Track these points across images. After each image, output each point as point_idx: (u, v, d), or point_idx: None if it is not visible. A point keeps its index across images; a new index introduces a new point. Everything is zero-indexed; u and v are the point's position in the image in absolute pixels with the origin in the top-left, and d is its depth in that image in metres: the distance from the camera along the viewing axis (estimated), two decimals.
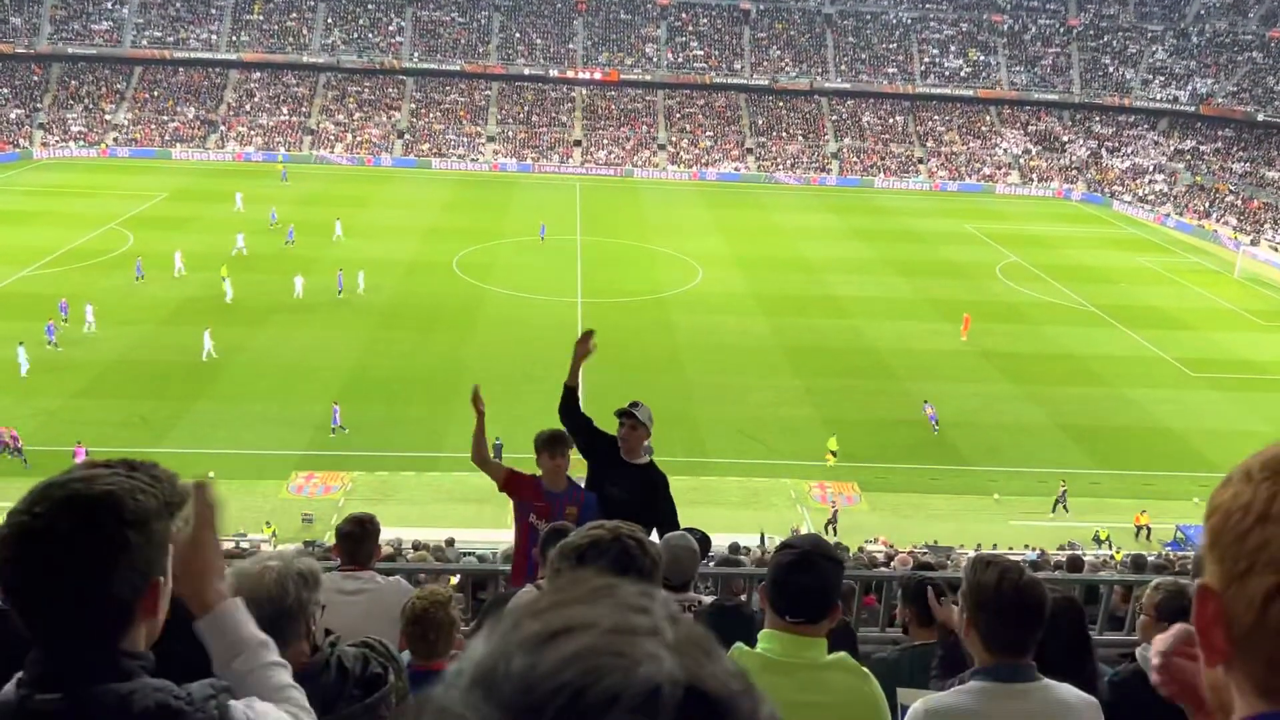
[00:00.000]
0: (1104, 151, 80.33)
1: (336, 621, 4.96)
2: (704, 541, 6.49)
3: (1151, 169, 77.10)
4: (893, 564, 14.49)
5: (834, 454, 31.05)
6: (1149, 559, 13.72)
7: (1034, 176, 78.18)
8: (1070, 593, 5.02)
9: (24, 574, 1.71)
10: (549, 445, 6.58)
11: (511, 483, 6.72)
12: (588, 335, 6.97)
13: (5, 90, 74.48)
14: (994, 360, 40.13)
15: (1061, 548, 25.01)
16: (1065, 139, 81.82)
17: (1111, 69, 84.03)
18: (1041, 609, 3.18)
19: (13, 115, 72.68)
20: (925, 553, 19.68)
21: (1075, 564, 13.35)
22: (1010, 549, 24.24)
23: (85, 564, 1.69)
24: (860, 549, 20.87)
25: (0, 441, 28.81)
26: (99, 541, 1.70)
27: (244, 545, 20.97)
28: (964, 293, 48.06)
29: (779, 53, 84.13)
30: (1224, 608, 1.07)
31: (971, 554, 6.82)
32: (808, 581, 3.06)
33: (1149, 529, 28.10)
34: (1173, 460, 32.54)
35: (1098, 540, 27.18)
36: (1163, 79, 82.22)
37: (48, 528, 1.69)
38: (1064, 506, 29.20)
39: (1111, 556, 20.19)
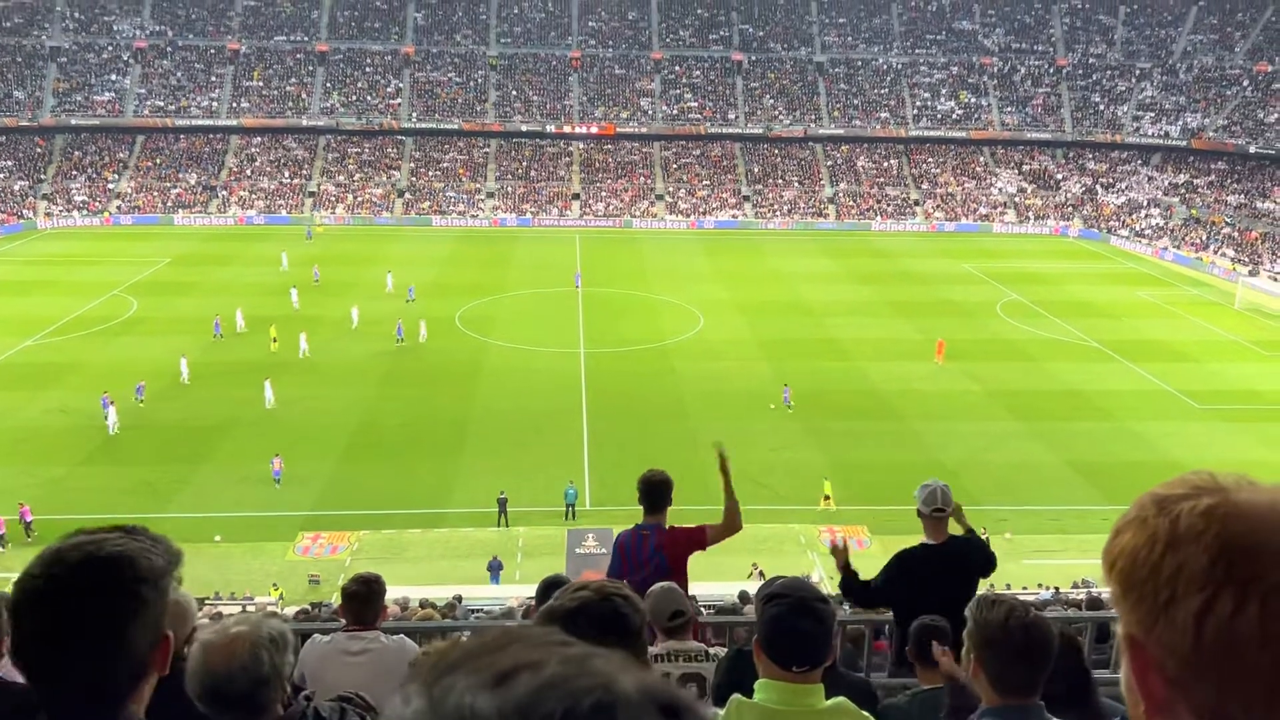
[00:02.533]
0: (1099, 188, 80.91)
1: (341, 682, 4.91)
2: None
3: (1147, 203, 77.59)
4: None
5: (828, 498, 30.91)
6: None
7: (1030, 215, 78.67)
8: (1068, 629, 4.98)
9: (45, 637, 1.72)
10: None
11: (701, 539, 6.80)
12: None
13: (9, 163, 75.47)
14: (999, 398, 40.06)
15: (1075, 585, 24.76)
16: (1059, 176, 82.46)
17: (1102, 107, 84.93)
18: (1049, 647, 3.16)
19: (16, 187, 73.56)
20: None
21: (1095, 603, 13.17)
22: (1024, 588, 24.02)
23: (106, 622, 1.73)
24: None
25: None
26: (118, 600, 1.74)
27: (250, 609, 20.76)
28: (966, 331, 48.15)
29: (772, 101, 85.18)
30: (1152, 652, 1.06)
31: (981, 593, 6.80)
32: (805, 629, 3.02)
33: None
34: None
35: None
36: (1153, 115, 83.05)
37: (67, 589, 1.72)
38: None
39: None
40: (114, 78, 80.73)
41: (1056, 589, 21.97)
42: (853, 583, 6.63)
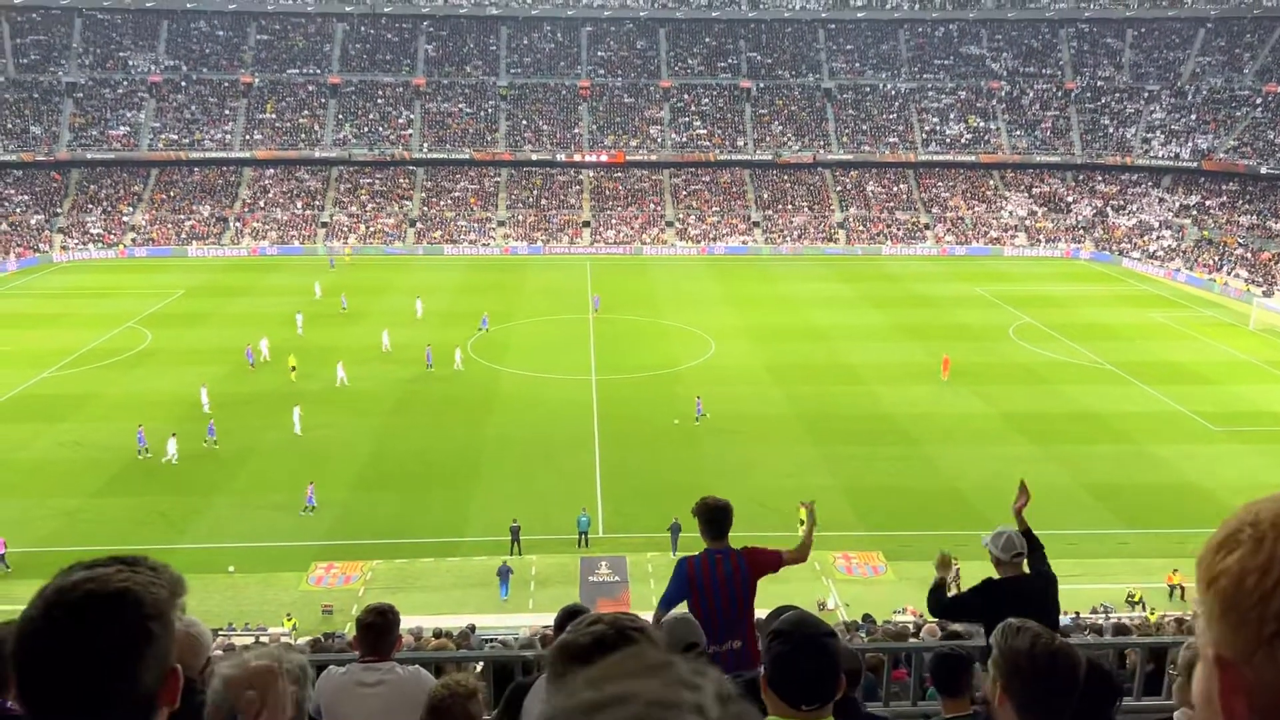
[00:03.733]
0: (1109, 210, 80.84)
1: (357, 714, 4.88)
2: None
3: (1158, 225, 77.45)
4: (922, 634, 14.18)
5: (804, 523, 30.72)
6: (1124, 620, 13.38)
7: (1041, 238, 78.59)
8: (1094, 655, 4.89)
9: (50, 678, 1.68)
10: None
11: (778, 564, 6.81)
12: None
13: (26, 197, 76.27)
14: (1013, 422, 39.84)
15: (1095, 610, 24.50)
16: (1070, 199, 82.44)
17: (1111, 129, 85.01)
18: (1075, 674, 3.10)
19: (33, 221, 74.31)
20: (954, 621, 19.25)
21: (1122, 629, 13.02)
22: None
23: (113, 661, 1.68)
24: (888, 620, 20.47)
25: None
26: (125, 636, 1.69)
27: (264, 640, 20.72)
28: (978, 355, 48.01)
29: (780, 128, 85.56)
30: (1246, 677, 1.01)
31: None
32: (815, 667, 2.95)
33: (1183, 588, 27.52)
34: (1203, 517, 31.95)
35: (1131, 602, 26.62)
36: (1163, 137, 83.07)
37: (71, 628, 1.68)
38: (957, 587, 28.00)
39: (1145, 618, 19.75)
40: (129, 112, 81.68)
41: (1076, 614, 21.73)
42: (942, 594, 6.66)
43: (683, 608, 6.23)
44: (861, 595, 27.13)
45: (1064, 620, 18.85)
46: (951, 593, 7.15)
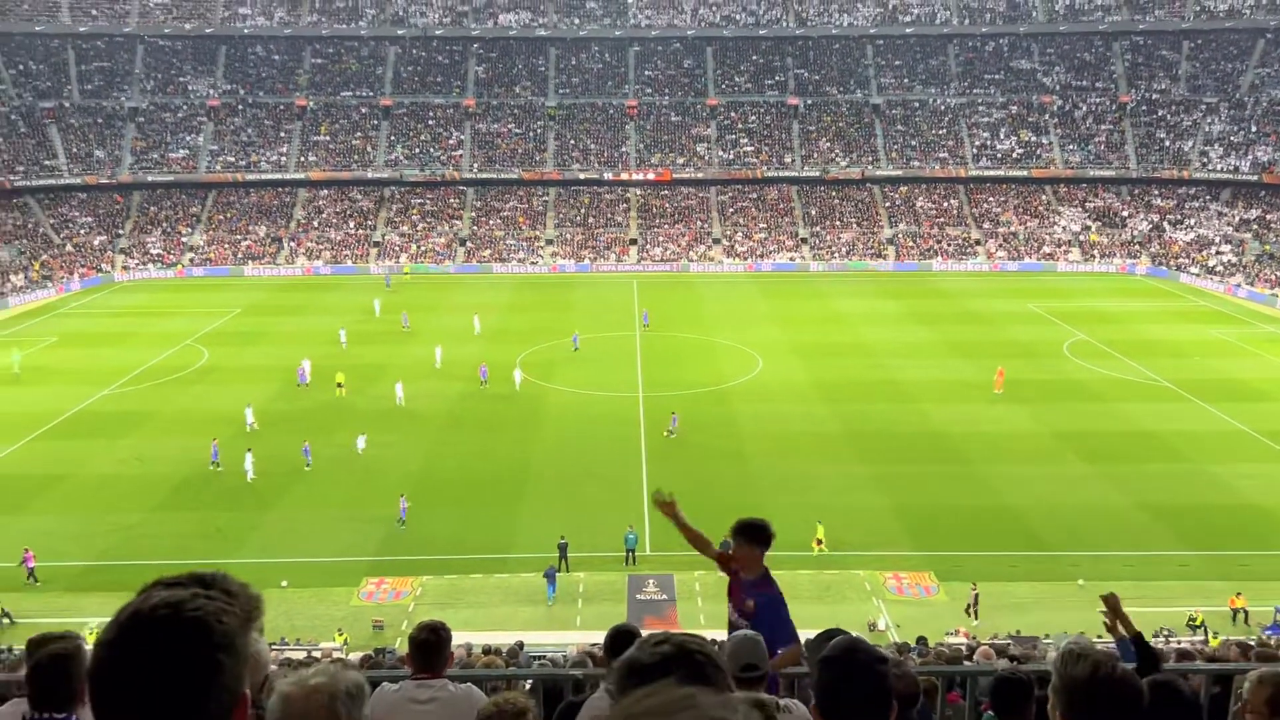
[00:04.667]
0: (1166, 224, 79.29)
1: None
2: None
3: (1218, 240, 75.79)
4: (975, 657, 13.94)
5: (820, 542, 30.25)
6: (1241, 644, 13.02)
7: (1095, 253, 77.31)
8: (1174, 678, 4.76)
9: (124, 703, 1.72)
10: (741, 532, 6.47)
11: (721, 564, 6.68)
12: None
13: (90, 218, 78.44)
14: (1067, 440, 39.13)
15: (1156, 635, 23.92)
16: (1125, 214, 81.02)
17: (1167, 142, 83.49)
18: (1138, 703, 3.04)
19: (96, 242, 76.36)
20: (1009, 644, 18.92)
21: (1185, 655, 12.70)
22: (1099, 637, 23.19)
23: (183, 691, 1.71)
24: (941, 642, 20.16)
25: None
26: (194, 668, 1.73)
27: (315, 654, 20.94)
28: (1032, 372, 47.27)
29: (829, 144, 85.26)
30: None
31: (1060, 645, 6.42)
32: (866, 692, 2.93)
33: (1246, 612, 26.77)
34: (1266, 539, 31.14)
35: (1192, 625, 25.94)
36: (1221, 149, 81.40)
37: (143, 654, 1.72)
38: (974, 613, 27.08)
39: (1206, 642, 19.23)
40: (188, 136, 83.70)
41: (1169, 632, 21.20)
42: (1145, 646, 5.85)
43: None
44: (913, 616, 26.76)
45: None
46: (976, 622, 6.82)
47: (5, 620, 26.63)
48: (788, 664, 5.79)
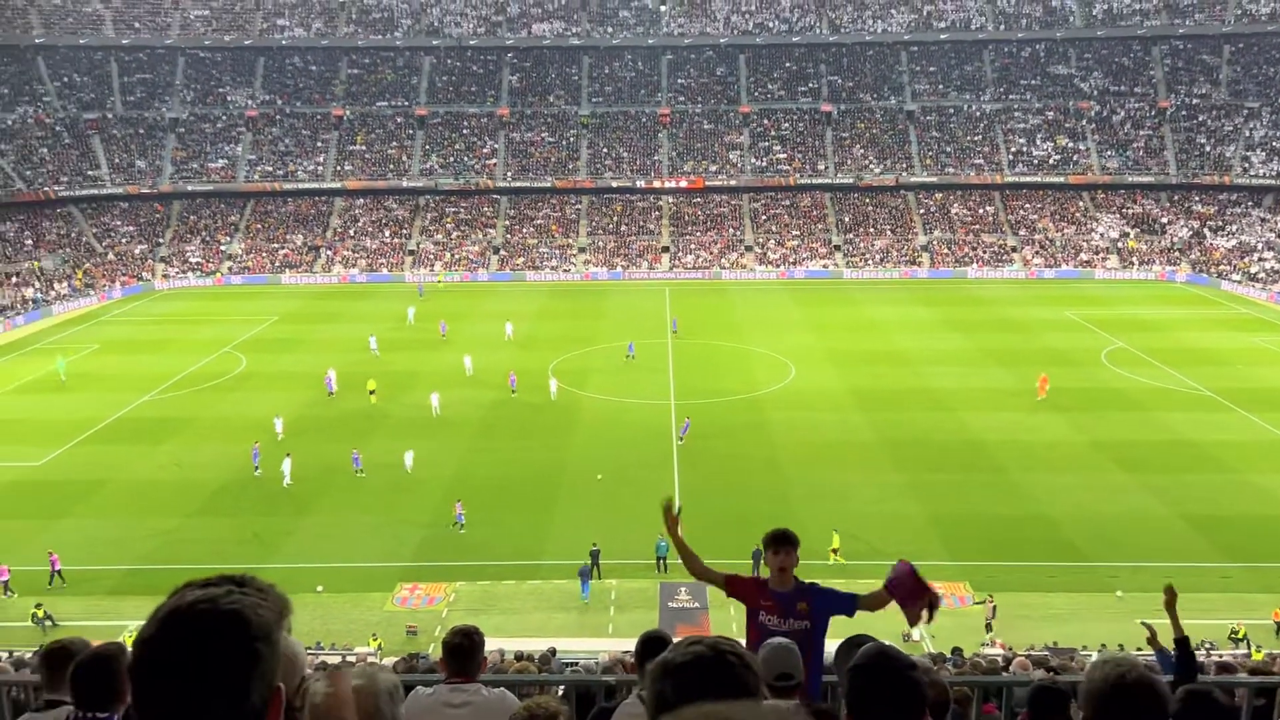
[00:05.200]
0: (1206, 231, 78.10)
1: None
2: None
3: (1260, 246, 74.50)
4: (1012, 667, 13.80)
5: (836, 551, 29.87)
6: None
7: (1134, 260, 76.30)
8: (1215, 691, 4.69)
9: (163, 696, 1.75)
10: (773, 543, 6.44)
11: (735, 587, 6.57)
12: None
13: (131, 228, 79.78)
14: (1106, 449, 38.61)
15: (1197, 648, 23.52)
16: (1164, 220, 79.91)
17: (1208, 148, 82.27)
18: (1160, 708, 3.01)
19: (137, 250, 77.65)
20: (1047, 655, 18.68)
21: (1227, 668, 12.50)
22: (1138, 650, 22.87)
23: (222, 679, 1.75)
24: (976, 653, 19.95)
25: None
26: (235, 658, 1.76)
27: (350, 659, 21.09)
28: (1069, 380, 46.69)
29: (862, 151, 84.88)
30: None
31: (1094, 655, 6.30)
32: (898, 697, 2.91)
33: None
34: None
35: (1234, 638, 25.47)
36: (1264, 154, 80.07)
37: (183, 647, 1.75)
38: (991, 625, 26.75)
39: (1249, 655, 18.89)
40: (227, 146, 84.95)
41: (1211, 644, 20.86)
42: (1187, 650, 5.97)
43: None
44: (947, 627, 26.49)
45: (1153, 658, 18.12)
46: (991, 634, 6.76)
47: (48, 623, 27.09)
48: (879, 604, 6.19)
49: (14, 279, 68.54)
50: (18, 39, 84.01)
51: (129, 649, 2.04)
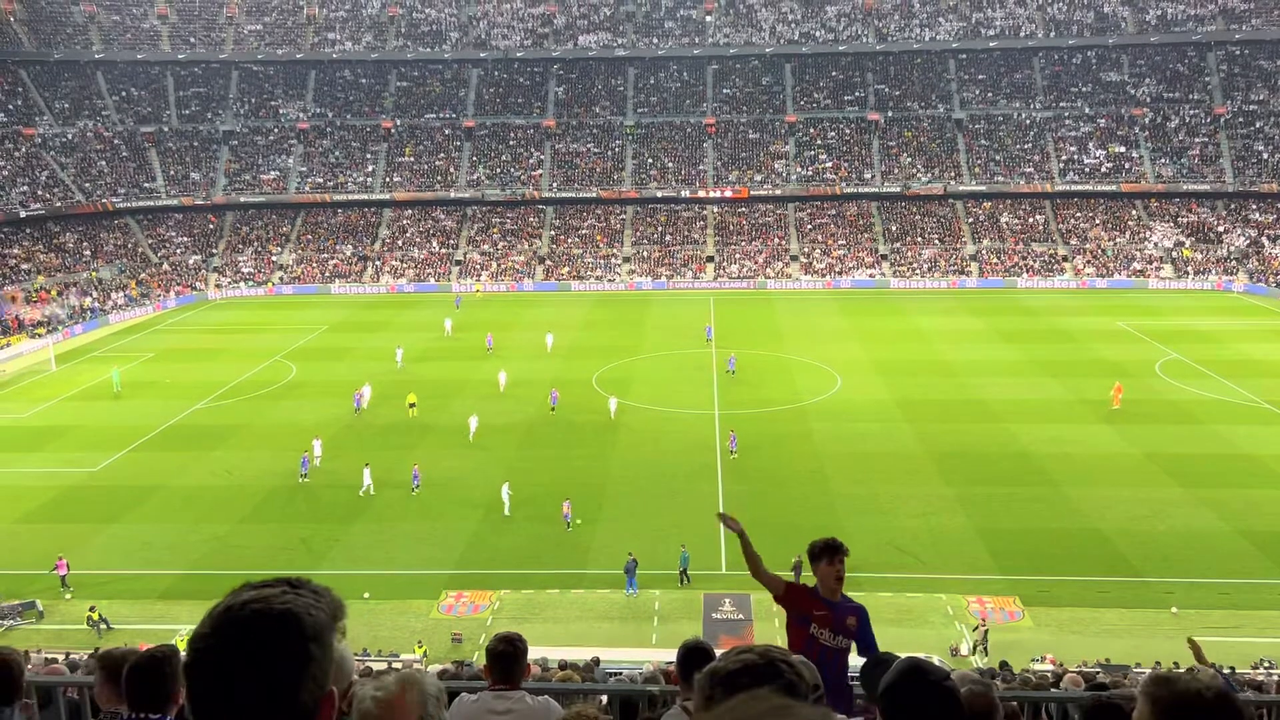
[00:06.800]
0: (1264, 240, 76.30)
1: None
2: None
3: None
4: (1063, 684, 13.53)
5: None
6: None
7: (1189, 269, 74.76)
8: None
9: (218, 696, 1.77)
10: (826, 553, 6.42)
11: (790, 594, 6.57)
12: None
13: (185, 238, 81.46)
14: (1159, 462, 37.81)
15: (1255, 666, 22.92)
16: (1221, 229, 78.22)
17: (1266, 155, 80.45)
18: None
19: (191, 261, 79.25)
20: (1098, 671, 18.30)
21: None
22: (1192, 668, 22.28)
23: (277, 681, 1.77)
24: (1026, 669, 19.60)
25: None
26: (287, 658, 1.78)
27: (396, 666, 21.24)
28: (1123, 391, 45.79)
29: (909, 159, 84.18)
30: None
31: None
32: (937, 712, 2.85)
33: None
34: None
35: None
36: None
37: (238, 650, 1.78)
38: (984, 649, 25.77)
39: None
40: (279, 158, 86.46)
41: (1231, 669, 20.34)
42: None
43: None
44: (996, 642, 26.08)
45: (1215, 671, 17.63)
46: (975, 654, 6.66)
47: (103, 626, 27.64)
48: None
49: (73, 288, 70.27)
50: (79, 54, 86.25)
51: (182, 652, 2.07)
